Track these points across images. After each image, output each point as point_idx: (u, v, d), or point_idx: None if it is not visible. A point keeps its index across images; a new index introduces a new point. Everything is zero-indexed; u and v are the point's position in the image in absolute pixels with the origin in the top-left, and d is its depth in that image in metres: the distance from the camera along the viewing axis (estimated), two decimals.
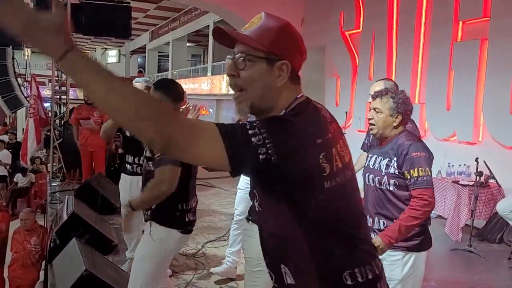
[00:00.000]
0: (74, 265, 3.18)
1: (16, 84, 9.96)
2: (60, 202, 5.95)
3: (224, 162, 1.02)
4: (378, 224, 2.34)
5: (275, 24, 1.18)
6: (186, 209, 2.47)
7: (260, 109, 1.20)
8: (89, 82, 0.97)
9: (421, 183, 2.21)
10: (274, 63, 1.17)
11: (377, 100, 2.38)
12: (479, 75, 5.52)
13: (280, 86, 1.18)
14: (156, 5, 17.61)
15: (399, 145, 2.30)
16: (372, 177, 2.39)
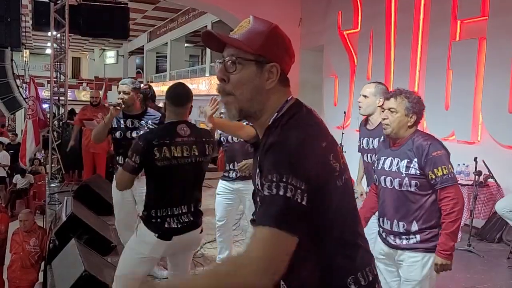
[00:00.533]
0: (73, 266, 3.18)
1: (15, 85, 9.95)
2: (59, 203, 5.95)
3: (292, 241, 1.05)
4: (398, 227, 2.34)
5: (264, 28, 1.18)
6: (164, 215, 2.45)
7: (249, 112, 1.20)
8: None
9: (446, 181, 2.24)
10: (264, 66, 1.17)
11: (391, 100, 2.39)
12: (478, 74, 5.52)
13: (270, 89, 1.19)
14: (154, 6, 17.60)
15: (418, 145, 2.29)
16: (390, 180, 2.36)
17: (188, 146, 2.47)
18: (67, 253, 3.57)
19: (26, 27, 9.82)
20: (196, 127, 2.60)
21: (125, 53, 27.99)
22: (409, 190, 2.30)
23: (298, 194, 1.04)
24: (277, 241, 1.02)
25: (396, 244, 2.37)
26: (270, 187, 1.05)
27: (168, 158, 2.40)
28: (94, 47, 28.71)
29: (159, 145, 2.39)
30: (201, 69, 19.11)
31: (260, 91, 1.18)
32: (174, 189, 2.49)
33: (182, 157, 2.45)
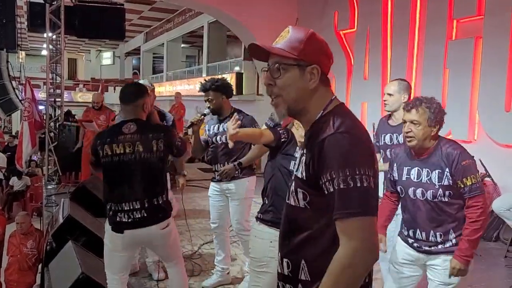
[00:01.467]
0: (71, 268, 3.17)
1: (11, 87, 9.92)
2: (55, 205, 5.93)
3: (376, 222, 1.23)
4: (435, 237, 2.33)
5: (302, 35, 1.33)
6: (116, 210, 2.58)
7: (296, 110, 1.35)
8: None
9: (475, 190, 2.25)
10: (305, 69, 1.31)
11: (413, 112, 2.33)
12: (474, 73, 5.54)
13: (313, 89, 1.33)
14: (150, 7, 17.58)
15: (448, 154, 2.28)
16: (422, 191, 2.32)
17: (130, 143, 2.53)
18: (64, 255, 3.57)
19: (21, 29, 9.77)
20: (146, 125, 2.66)
21: (122, 54, 27.97)
22: (442, 200, 2.30)
23: (372, 181, 1.20)
24: (368, 226, 1.19)
25: (428, 249, 2.36)
26: (345, 181, 1.18)
27: (110, 155, 2.53)
28: (90, 48, 28.66)
29: (101, 143, 2.55)
30: (198, 69, 19.10)
31: (304, 91, 1.33)
32: (121, 184, 2.57)
33: (124, 153, 2.52)
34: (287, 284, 1.38)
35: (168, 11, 18.59)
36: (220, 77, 3.67)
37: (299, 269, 1.33)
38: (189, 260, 4.14)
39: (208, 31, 16.48)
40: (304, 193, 1.32)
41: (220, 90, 3.37)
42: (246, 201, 3.53)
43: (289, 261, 1.36)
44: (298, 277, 1.34)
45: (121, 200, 2.55)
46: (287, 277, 1.37)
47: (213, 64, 16.54)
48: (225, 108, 3.45)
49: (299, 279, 1.34)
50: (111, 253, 2.66)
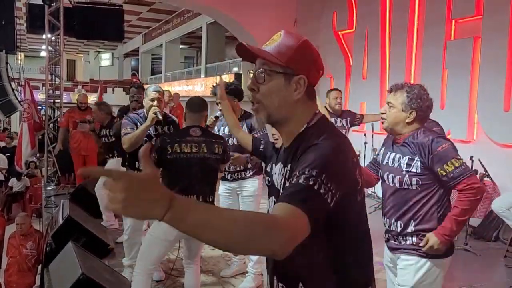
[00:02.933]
0: (71, 269, 3.16)
1: (10, 88, 9.91)
2: (55, 206, 5.93)
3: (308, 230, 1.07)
4: (396, 226, 2.24)
5: (293, 41, 1.25)
6: None
7: (276, 119, 1.29)
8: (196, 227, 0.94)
9: (461, 174, 2.08)
10: (292, 78, 1.24)
11: (391, 94, 2.29)
12: (473, 73, 5.55)
13: (297, 100, 1.25)
14: (148, 8, 17.58)
15: (419, 143, 2.16)
16: (392, 177, 2.26)
17: (197, 144, 2.91)
18: (64, 256, 3.56)
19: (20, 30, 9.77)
20: (208, 131, 3.13)
21: (120, 55, 27.96)
22: (409, 188, 2.19)
23: (329, 194, 1.10)
24: (304, 227, 1.06)
25: (394, 247, 2.28)
26: (307, 179, 1.10)
27: (178, 152, 2.86)
28: (89, 50, 28.64)
29: (171, 142, 2.89)
30: (197, 70, 19.09)
31: (287, 101, 1.25)
32: (183, 179, 2.87)
33: (191, 152, 2.89)
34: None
35: (167, 12, 18.60)
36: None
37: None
38: None
39: (206, 32, 16.48)
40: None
41: (233, 94, 3.50)
42: (257, 199, 3.70)
43: (285, 286, 1.29)
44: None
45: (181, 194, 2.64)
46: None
47: (211, 65, 16.54)
48: (236, 111, 3.54)
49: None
50: (160, 243, 2.84)
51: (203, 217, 0.94)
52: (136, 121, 3.50)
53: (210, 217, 0.95)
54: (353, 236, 1.26)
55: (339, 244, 1.23)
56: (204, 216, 0.94)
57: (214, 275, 3.93)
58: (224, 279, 3.87)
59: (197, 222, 0.93)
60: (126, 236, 3.77)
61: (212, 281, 3.83)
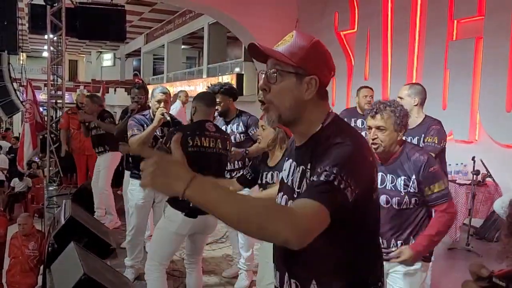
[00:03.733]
0: (73, 269, 3.16)
1: (12, 89, 9.91)
2: (57, 206, 5.93)
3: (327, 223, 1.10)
4: (396, 246, 2.23)
5: (305, 42, 1.26)
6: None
7: (288, 119, 1.29)
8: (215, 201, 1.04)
9: (443, 198, 2.16)
10: (303, 78, 1.25)
11: (377, 117, 2.21)
12: (475, 73, 5.54)
13: (308, 100, 1.27)
14: (150, 8, 17.60)
15: (415, 160, 2.17)
16: (387, 198, 2.20)
17: (214, 139, 2.92)
18: (66, 257, 3.56)
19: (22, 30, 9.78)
20: (219, 127, 3.11)
21: (122, 56, 27.97)
22: (408, 207, 2.20)
23: (348, 190, 1.12)
24: (323, 219, 1.09)
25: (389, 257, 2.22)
26: (328, 176, 1.12)
27: (198, 145, 2.85)
28: (91, 50, 28.67)
29: (192, 134, 2.85)
30: (198, 70, 19.10)
31: (298, 101, 1.27)
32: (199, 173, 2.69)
33: (209, 147, 2.89)
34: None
35: (169, 13, 18.61)
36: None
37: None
38: None
39: (208, 32, 16.48)
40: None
41: (228, 93, 3.57)
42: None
43: (298, 282, 1.29)
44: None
45: None
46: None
47: (213, 65, 16.54)
48: (231, 110, 3.66)
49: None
50: (172, 238, 2.87)
51: (221, 194, 1.04)
52: (143, 123, 3.52)
53: (228, 195, 1.05)
54: (368, 234, 1.29)
55: (355, 242, 1.24)
56: (222, 193, 1.04)
57: (216, 275, 3.94)
58: (226, 279, 3.87)
59: (215, 198, 1.03)
60: (129, 237, 3.78)
61: (214, 282, 3.83)
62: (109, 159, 5.08)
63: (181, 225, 2.82)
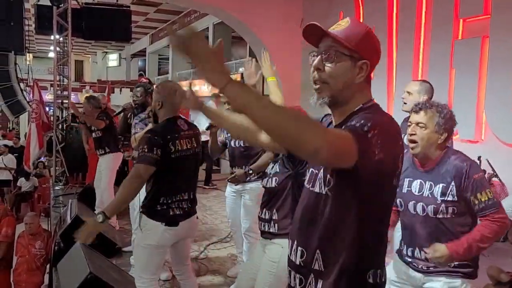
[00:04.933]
0: (79, 268, 3.19)
1: (19, 89, 9.96)
2: (63, 205, 5.97)
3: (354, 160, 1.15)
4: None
5: (361, 28, 1.35)
6: (169, 203, 2.60)
7: (338, 100, 1.33)
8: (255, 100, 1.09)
9: (493, 206, 2.03)
10: (357, 62, 1.31)
11: (421, 114, 2.11)
12: (481, 73, 5.51)
13: (358, 84, 1.32)
14: (155, 8, 17.63)
15: (457, 167, 2.04)
16: (422, 206, 2.09)
17: (189, 139, 2.70)
18: (72, 255, 3.59)
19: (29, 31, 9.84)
20: (187, 121, 2.83)
21: (128, 56, 28.05)
22: (445, 217, 2.06)
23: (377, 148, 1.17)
24: (352, 146, 1.14)
25: (426, 269, 2.13)
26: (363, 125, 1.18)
27: (179, 150, 2.63)
28: (96, 50, 28.77)
29: (172, 139, 2.60)
30: None
31: (350, 84, 1.32)
32: (180, 178, 2.68)
33: (187, 149, 2.68)
34: (298, 274, 1.36)
35: (174, 13, 18.62)
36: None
37: (313, 259, 1.31)
38: (196, 261, 4.16)
39: (213, 32, 16.50)
40: (329, 179, 1.30)
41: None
42: (259, 204, 3.56)
43: (304, 250, 1.34)
44: (311, 266, 1.32)
45: (176, 193, 2.64)
46: (299, 266, 1.36)
47: None
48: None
49: (312, 269, 1.32)
50: (157, 251, 2.63)
51: (259, 96, 1.09)
52: (147, 122, 3.54)
53: (267, 100, 1.10)
54: (379, 217, 1.31)
55: (365, 222, 1.27)
56: (260, 96, 1.09)
57: (220, 274, 3.95)
58: (231, 278, 3.88)
59: (255, 98, 1.08)
60: (135, 234, 3.81)
61: (218, 281, 3.84)
62: (110, 160, 5.11)
63: (162, 236, 2.60)
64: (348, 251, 1.27)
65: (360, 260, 1.28)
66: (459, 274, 2.11)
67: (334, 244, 1.29)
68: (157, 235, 2.59)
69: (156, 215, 2.60)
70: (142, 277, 2.64)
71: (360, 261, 1.28)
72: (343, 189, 1.27)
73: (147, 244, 2.62)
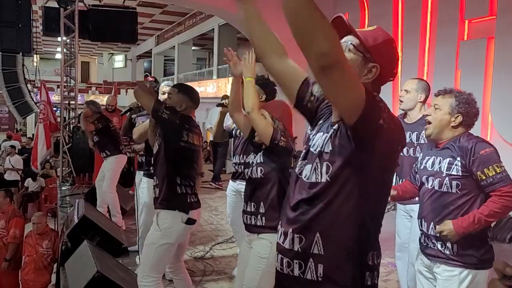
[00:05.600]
0: (86, 267, 3.22)
1: (26, 90, 10.07)
2: (70, 205, 6.02)
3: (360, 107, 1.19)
4: (434, 230, 2.14)
5: (382, 35, 1.38)
6: (183, 190, 2.71)
7: None
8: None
9: (502, 181, 2.02)
10: (367, 63, 1.35)
11: (439, 97, 2.23)
12: (486, 74, 5.50)
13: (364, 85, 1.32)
14: (161, 10, 17.71)
15: (461, 146, 2.11)
16: (432, 179, 2.18)
17: (198, 136, 2.86)
18: (79, 255, 3.62)
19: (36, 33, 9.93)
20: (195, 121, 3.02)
21: (133, 57, 28.17)
22: (449, 191, 2.11)
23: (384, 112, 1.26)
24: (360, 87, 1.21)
25: (434, 255, 2.18)
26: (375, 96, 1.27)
27: (189, 142, 2.76)
28: (102, 52, 28.93)
29: (189, 129, 2.76)
30: (209, 71, 19.17)
31: None
32: (189, 166, 2.82)
33: (195, 144, 2.82)
34: (295, 260, 1.35)
35: (179, 14, 18.70)
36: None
37: (312, 243, 1.32)
38: (201, 261, 4.19)
39: (218, 33, 16.54)
40: (328, 165, 1.32)
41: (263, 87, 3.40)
42: None
43: (302, 236, 1.34)
44: (310, 251, 1.33)
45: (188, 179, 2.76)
46: (297, 252, 1.35)
47: (223, 66, 16.57)
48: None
49: (311, 253, 1.33)
50: (172, 249, 2.70)
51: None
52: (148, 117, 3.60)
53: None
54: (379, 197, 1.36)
55: (365, 204, 1.30)
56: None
57: (226, 274, 3.97)
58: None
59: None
60: (140, 233, 3.85)
61: (224, 281, 3.86)
62: (113, 163, 5.18)
63: (180, 234, 2.69)
64: (349, 233, 1.30)
65: (361, 242, 1.31)
66: (459, 263, 2.10)
67: (334, 228, 1.31)
68: (175, 234, 2.65)
69: (175, 205, 2.68)
70: (151, 276, 2.64)
71: (361, 243, 1.31)
72: (345, 173, 1.29)
73: (165, 242, 2.64)
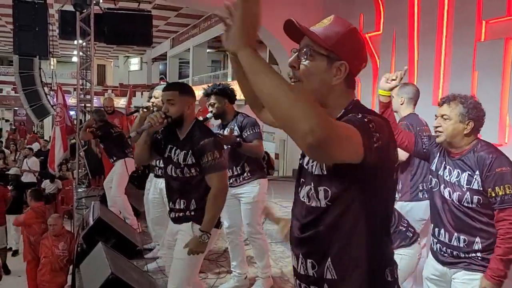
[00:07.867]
0: (101, 269, 3.24)
1: (43, 93, 10.20)
2: (86, 207, 6.07)
3: (359, 158, 1.11)
4: (458, 241, 2.13)
5: (341, 28, 1.28)
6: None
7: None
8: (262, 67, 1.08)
9: (508, 202, 2.00)
10: (334, 62, 1.25)
11: (444, 106, 2.18)
12: (504, 75, 5.41)
13: (334, 85, 1.27)
14: (176, 13, 17.82)
15: (481, 157, 2.07)
16: (449, 192, 2.14)
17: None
18: (94, 257, 3.65)
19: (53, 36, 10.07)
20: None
21: (149, 60, 28.40)
22: (470, 206, 2.08)
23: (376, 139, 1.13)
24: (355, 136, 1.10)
25: (451, 260, 2.16)
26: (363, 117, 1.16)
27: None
28: (118, 54, 29.23)
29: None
30: (223, 74, 19.24)
31: (325, 84, 1.27)
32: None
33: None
34: (312, 285, 1.32)
35: (194, 17, 18.80)
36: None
37: (324, 269, 1.28)
38: (215, 263, 4.19)
39: None
40: (326, 190, 1.25)
41: (222, 95, 3.39)
42: (258, 205, 3.46)
43: (314, 261, 1.30)
44: (323, 276, 1.28)
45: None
46: (312, 277, 1.31)
47: None
48: (228, 112, 3.46)
49: (325, 279, 1.28)
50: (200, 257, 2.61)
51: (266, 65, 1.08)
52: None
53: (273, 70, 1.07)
54: (384, 216, 1.29)
55: (373, 221, 1.24)
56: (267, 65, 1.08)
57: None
58: (250, 281, 3.87)
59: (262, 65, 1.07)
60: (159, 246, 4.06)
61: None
62: (120, 166, 5.25)
63: (213, 239, 2.60)
64: (363, 254, 1.25)
65: (376, 261, 1.26)
66: (480, 268, 2.09)
67: (346, 250, 1.25)
68: (212, 241, 2.61)
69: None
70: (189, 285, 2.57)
71: (376, 262, 1.26)
72: (344, 196, 1.23)
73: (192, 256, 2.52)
